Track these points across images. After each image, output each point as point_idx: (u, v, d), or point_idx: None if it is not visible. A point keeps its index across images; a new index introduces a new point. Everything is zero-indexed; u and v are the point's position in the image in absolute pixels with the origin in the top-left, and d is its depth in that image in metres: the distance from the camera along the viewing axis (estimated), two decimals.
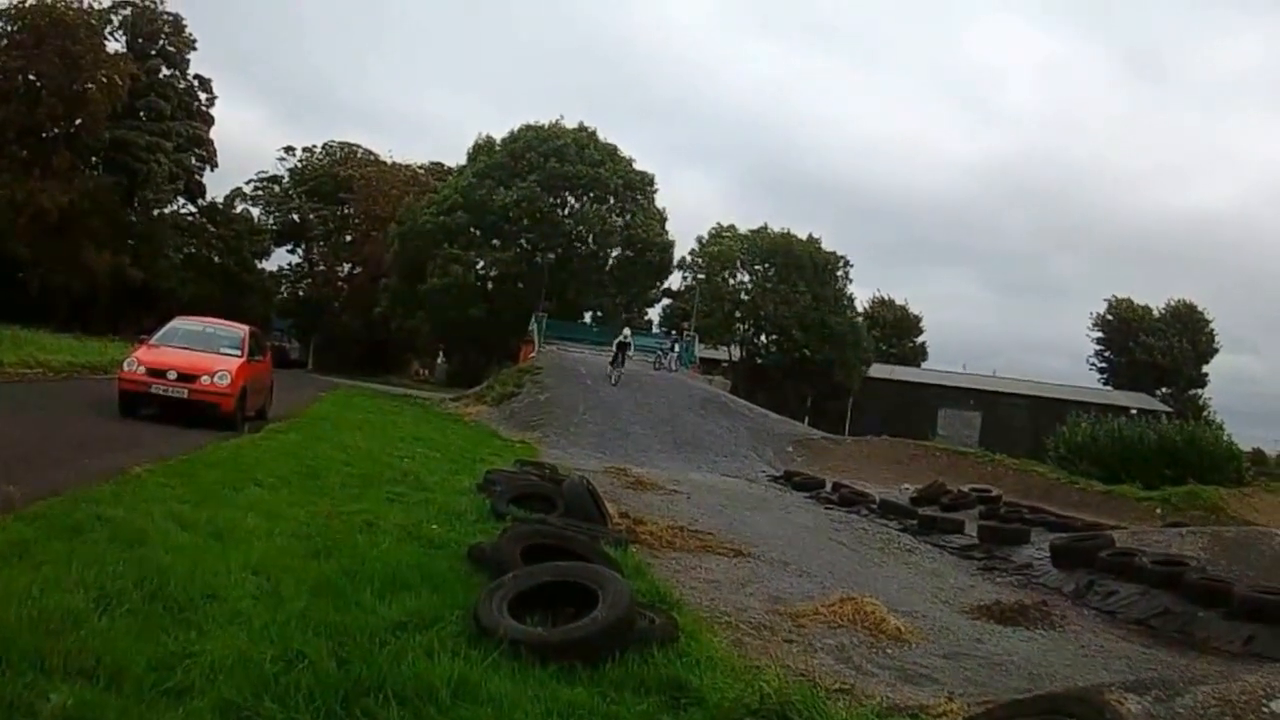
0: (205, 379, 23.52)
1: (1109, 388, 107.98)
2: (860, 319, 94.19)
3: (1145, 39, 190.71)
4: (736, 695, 7.19)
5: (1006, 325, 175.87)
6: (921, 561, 23.29)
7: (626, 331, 57.53)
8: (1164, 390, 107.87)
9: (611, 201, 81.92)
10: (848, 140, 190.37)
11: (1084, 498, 45.06)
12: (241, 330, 27.44)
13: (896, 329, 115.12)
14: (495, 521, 14.55)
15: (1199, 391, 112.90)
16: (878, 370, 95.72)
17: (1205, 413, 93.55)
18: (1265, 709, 7.02)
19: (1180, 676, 9.16)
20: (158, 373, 23.34)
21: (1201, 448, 55.39)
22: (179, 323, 27.39)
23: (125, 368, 24.00)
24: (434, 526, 13.66)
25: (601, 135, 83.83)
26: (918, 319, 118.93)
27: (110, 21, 79.66)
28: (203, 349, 25.12)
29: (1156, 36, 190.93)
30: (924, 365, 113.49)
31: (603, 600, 8.55)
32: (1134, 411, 74.99)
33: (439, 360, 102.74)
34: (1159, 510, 38.78)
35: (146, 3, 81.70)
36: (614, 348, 55.30)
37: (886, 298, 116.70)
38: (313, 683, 6.41)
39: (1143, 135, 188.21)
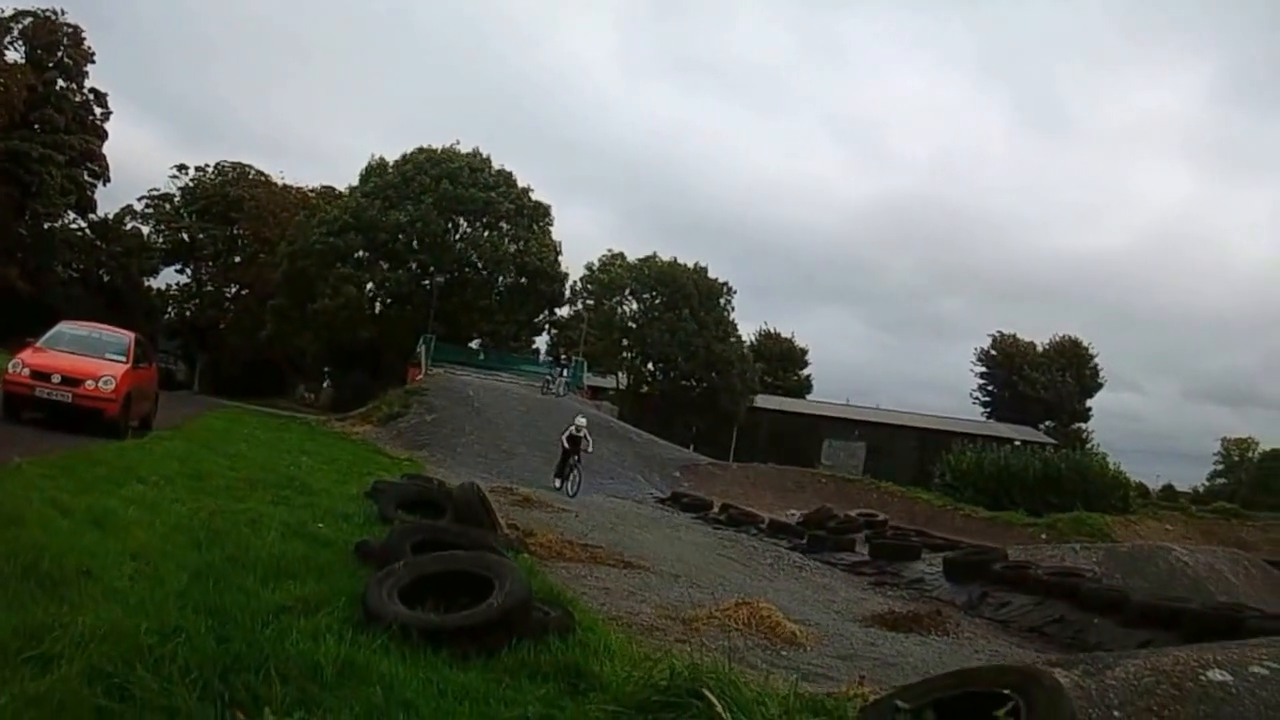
0: (90, 383, 22.79)
1: (992, 420, 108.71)
2: (745, 347, 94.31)
3: (1037, 90, 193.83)
4: (642, 675, 6.93)
5: (890, 362, 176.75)
6: (813, 577, 23.34)
7: (580, 422, 38.35)
8: (1047, 424, 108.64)
9: (505, 227, 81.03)
10: (740, 179, 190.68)
11: (969, 523, 45.51)
12: (127, 336, 26.62)
13: (783, 361, 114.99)
14: (383, 525, 14.24)
15: (1082, 425, 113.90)
16: (764, 401, 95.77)
17: (1088, 445, 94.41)
18: (1202, 677, 6.89)
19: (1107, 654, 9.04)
20: (42, 375, 22.67)
21: (1087, 475, 56.34)
22: (65, 327, 26.66)
23: (10, 370, 23.29)
24: (320, 525, 13.35)
25: (497, 163, 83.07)
26: (804, 352, 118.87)
27: (10, 30, 77.90)
28: (88, 353, 24.41)
29: (1049, 88, 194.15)
30: (809, 398, 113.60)
31: (498, 588, 8.28)
32: (1018, 443, 75.53)
33: (325, 385, 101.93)
34: (1044, 535, 39.15)
35: (47, 13, 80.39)
36: (563, 443, 38.01)
37: (774, 331, 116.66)
38: (190, 655, 6.10)
39: (1031, 181, 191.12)
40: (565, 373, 65.45)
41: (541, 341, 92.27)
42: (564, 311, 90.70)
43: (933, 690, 6.69)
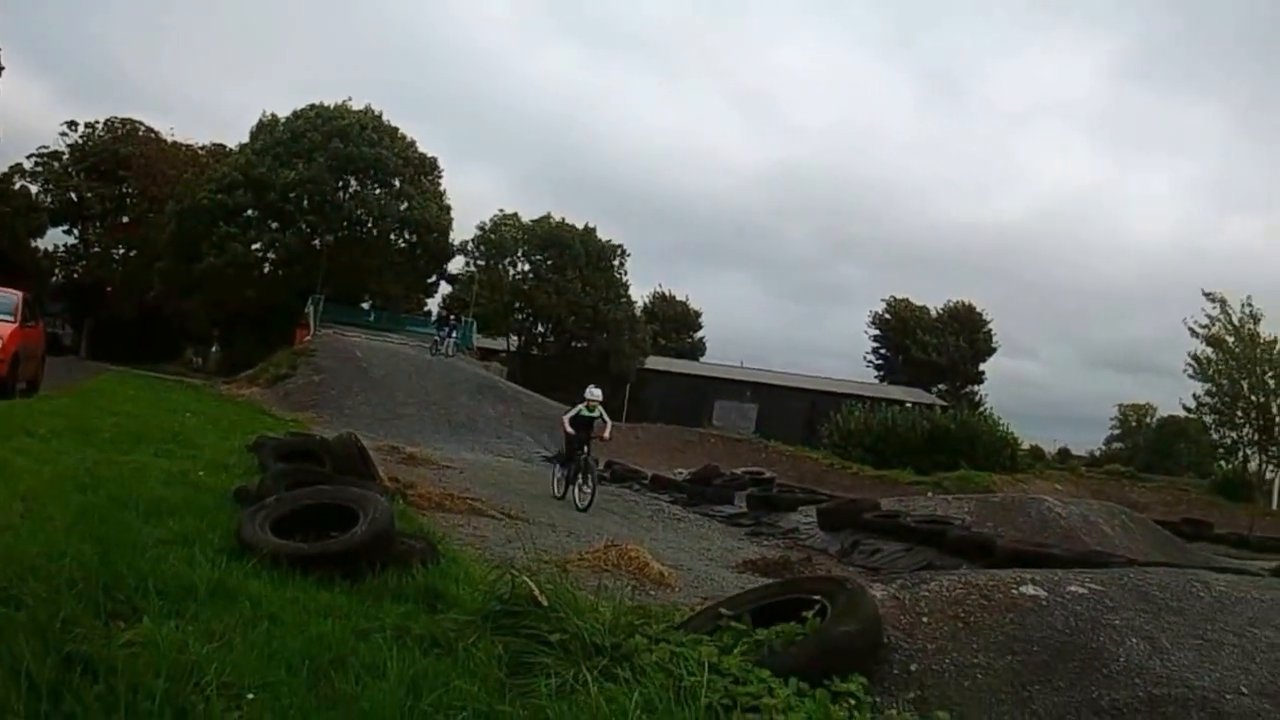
0: None
1: (885, 383, 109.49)
2: (638, 309, 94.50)
3: (939, 62, 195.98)
4: (487, 589, 7.41)
5: (786, 326, 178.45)
6: (690, 528, 23.82)
7: (595, 394, 26.55)
8: (940, 387, 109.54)
9: (397, 185, 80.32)
10: (640, 144, 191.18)
11: (856, 481, 46.16)
12: (14, 296, 26.13)
13: (676, 324, 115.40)
14: (263, 474, 14.54)
15: (975, 389, 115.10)
16: (656, 362, 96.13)
17: (981, 408, 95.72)
18: (1014, 591, 7.44)
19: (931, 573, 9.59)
20: None
21: (975, 435, 57.12)
22: None
23: None
24: (201, 473, 13.67)
25: (392, 123, 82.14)
26: (698, 315, 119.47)
27: None
28: None
29: (950, 60, 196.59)
30: (703, 360, 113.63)
31: (363, 518, 8.75)
32: (908, 404, 76.17)
33: (213, 348, 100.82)
34: (929, 493, 39.66)
35: None
36: (565, 426, 26.60)
37: (668, 293, 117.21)
38: (76, 572, 6.50)
39: (932, 152, 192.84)
40: (454, 334, 65.39)
41: (433, 303, 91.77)
42: (454, 267, 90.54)
43: (754, 599, 7.27)
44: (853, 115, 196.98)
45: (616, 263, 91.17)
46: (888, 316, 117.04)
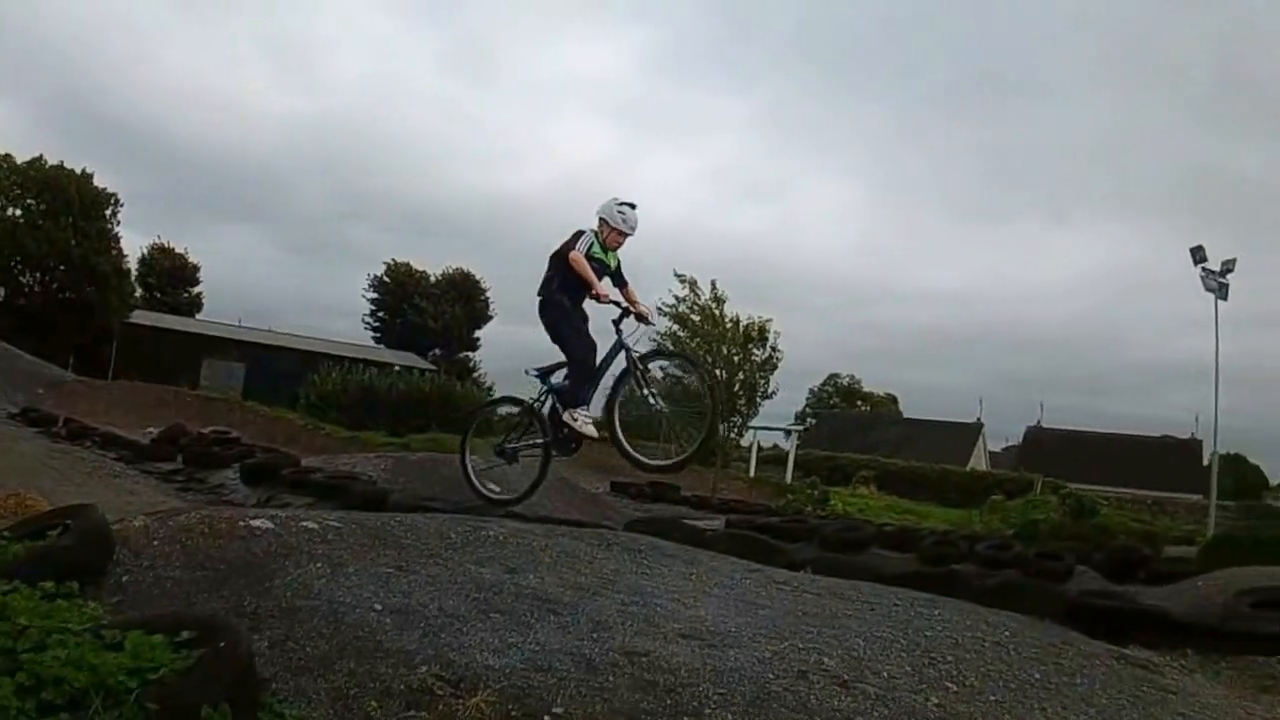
0: None
1: (382, 346, 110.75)
2: (128, 263, 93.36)
3: (470, 32, 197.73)
4: None
5: (293, 285, 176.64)
6: (124, 484, 25.08)
7: (630, 216, 14.08)
8: (436, 352, 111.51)
9: None
10: (157, 84, 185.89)
11: (328, 442, 47.50)
12: None
13: (173, 277, 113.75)
14: None
15: (470, 354, 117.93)
16: (146, 317, 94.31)
17: (475, 374, 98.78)
18: (242, 523, 9.56)
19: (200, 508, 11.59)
20: None
21: (451, 399, 59.53)
22: None
23: None
24: None
25: None
26: (196, 269, 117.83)
27: None
28: None
29: (482, 32, 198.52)
30: (199, 316, 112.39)
31: None
32: (398, 368, 78.24)
33: None
34: (385, 451, 41.46)
35: None
36: (591, 280, 13.61)
37: (167, 245, 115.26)
38: None
39: (455, 119, 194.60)
40: None
41: None
42: None
43: (27, 527, 9.30)
44: (382, 77, 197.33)
45: (109, 212, 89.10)
46: (386, 280, 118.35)
